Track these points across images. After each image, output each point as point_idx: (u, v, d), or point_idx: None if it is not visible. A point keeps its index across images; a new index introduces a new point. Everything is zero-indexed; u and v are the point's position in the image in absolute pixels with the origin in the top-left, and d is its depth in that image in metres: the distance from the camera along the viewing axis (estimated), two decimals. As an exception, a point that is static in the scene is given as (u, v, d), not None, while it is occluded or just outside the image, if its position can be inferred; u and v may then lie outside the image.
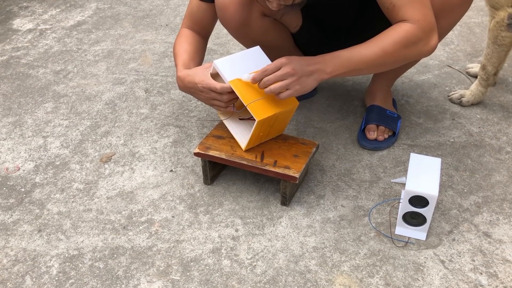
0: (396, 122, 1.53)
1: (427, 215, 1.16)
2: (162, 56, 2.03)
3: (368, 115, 1.54)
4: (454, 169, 1.41)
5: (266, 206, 1.31)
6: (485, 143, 1.51)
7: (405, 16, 1.17)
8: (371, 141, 1.49)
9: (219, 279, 1.13)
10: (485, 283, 1.10)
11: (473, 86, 1.65)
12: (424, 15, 1.17)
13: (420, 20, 1.17)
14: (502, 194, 1.33)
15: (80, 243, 1.23)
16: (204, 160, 1.33)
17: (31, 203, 1.35)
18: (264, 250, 1.19)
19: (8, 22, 2.37)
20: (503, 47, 1.49)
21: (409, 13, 1.17)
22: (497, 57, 1.52)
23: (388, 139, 1.51)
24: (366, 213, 1.28)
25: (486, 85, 1.61)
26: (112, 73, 1.93)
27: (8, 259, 1.20)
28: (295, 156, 1.28)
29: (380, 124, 1.50)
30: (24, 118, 1.69)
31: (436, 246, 1.19)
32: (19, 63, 2.02)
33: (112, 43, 2.15)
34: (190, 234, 1.24)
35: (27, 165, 1.48)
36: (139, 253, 1.20)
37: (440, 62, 1.92)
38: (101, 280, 1.13)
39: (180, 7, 2.46)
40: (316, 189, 1.36)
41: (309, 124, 1.61)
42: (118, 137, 1.59)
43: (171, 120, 1.65)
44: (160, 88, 1.83)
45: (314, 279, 1.12)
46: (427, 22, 1.17)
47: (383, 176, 1.40)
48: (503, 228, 1.23)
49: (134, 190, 1.38)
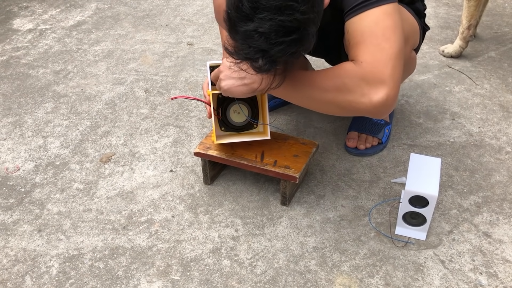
0: (381, 129, 1.47)
1: (427, 215, 1.16)
2: (162, 56, 2.03)
3: (352, 121, 1.51)
4: (454, 169, 1.41)
5: (266, 206, 1.31)
6: (485, 143, 1.51)
7: (354, 55, 1.01)
8: (354, 148, 1.46)
9: (219, 279, 1.13)
10: (485, 283, 1.10)
11: (455, 41, 1.93)
12: (374, 59, 0.98)
13: (364, 62, 0.99)
14: (502, 194, 1.33)
15: (80, 243, 1.23)
16: (204, 160, 1.33)
17: (31, 203, 1.35)
18: (264, 250, 1.19)
19: (8, 22, 2.37)
20: (472, 2, 1.79)
21: (357, 52, 1.00)
22: (468, 12, 1.81)
23: (373, 147, 1.46)
24: (366, 213, 1.28)
25: (463, 38, 1.88)
26: (112, 73, 1.93)
27: (8, 259, 1.20)
28: (295, 156, 1.28)
29: (362, 132, 1.47)
30: (24, 118, 1.69)
31: (436, 246, 1.19)
32: (19, 63, 2.02)
33: (112, 43, 2.15)
34: (190, 234, 1.24)
35: (27, 165, 1.48)
36: (139, 253, 1.20)
37: (440, 62, 1.92)
38: (101, 280, 1.13)
39: (180, 7, 2.46)
40: (316, 189, 1.36)
41: (309, 124, 1.61)
42: (118, 137, 1.59)
43: (171, 120, 1.65)
44: (160, 88, 1.83)
45: (314, 279, 1.12)
46: (372, 68, 0.98)
47: (383, 176, 1.40)
48: (503, 228, 1.23)
49: (134, 190, 1.38)
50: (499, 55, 1.97)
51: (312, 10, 0.90)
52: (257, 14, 0.88)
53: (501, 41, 2.07)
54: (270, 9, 0.87)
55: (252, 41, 0.90)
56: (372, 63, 0.98)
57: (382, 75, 0.98)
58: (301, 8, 0.88)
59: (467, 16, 1.82)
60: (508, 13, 2.31)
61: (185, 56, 2.03)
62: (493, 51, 2.00)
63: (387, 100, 0.99)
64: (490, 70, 1.87)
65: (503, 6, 2.38)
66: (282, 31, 0.89)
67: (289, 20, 0.88)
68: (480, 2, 1.81)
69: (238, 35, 0.92)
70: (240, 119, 1.29)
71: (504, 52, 1.99)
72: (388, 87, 0.98)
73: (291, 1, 0.87)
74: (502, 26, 2.19)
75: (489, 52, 1.99)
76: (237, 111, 1.27)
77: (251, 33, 0.89)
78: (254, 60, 0.94)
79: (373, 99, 0.99)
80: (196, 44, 2.12)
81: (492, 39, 2.08)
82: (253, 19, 0.89)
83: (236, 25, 0.91)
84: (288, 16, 0.88)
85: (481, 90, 1.75)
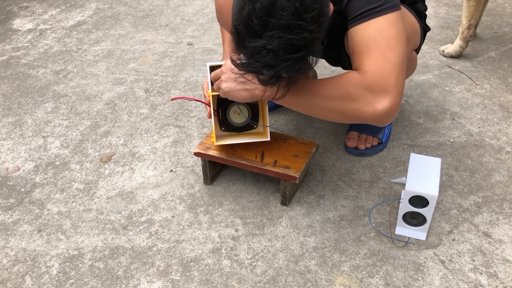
0: (381, 129, 1.48)
1: (427, 215, 1.16)
2: (162, 56, 2.03)
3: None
4: (454, 169, 1.41)
5: (266, 206, 1.31)
6: (485, 143, 1.51)
7: (359, 64, 1.02)
8: (354, 148, 1.47)
9: (219, 279, 1.13)
10: (485, 283, 1.10)
11: (455, 41, 1.93)
12: (378, 68, 0.99)
13: (369, 72, 1.00)
14: (502, 194, 1.33)
15: (80, 243, 1.23)
16: (204, 160, 1.33)
17: (31, 203, 1.35)
18: (264, 250, 1.19)
19: (8, 22, 2.37)
20: (472, 2, 1.80)
21: (362, 61, 1.02)
22: (468, 12, 1.82)
23: (373, 147, 1.46)
24: (366, 213, 1.28)
25: (463, 38, 1.88)
26: (112, 73, 1.93)
27: (8, 259, 1.20)
28: (295, 156, 1.28)
29: (361, 132, 1.47)
30: (24, 118, 1.69)
31: (436, 246, 1.19)
32: (19, 63, 2.02)
33: (112, 43, 2.15)
34: (190, 234, 1.24)
35: (27, 165, 1.48)
36: (139, 253, 1.20)
37: (440, 62, 1.92)
38: (101, 280, 1.13)
39: (180, 7, 2.46)
40: (316, 189, 1.36)
41: (309, 124, 1.61)
42: (118, 137, 1.59)
43: (171, 120, 1.65)
44: (160, 88, 1.83)
45: (314, 279, 1.12)
46: (377, 78, 0.99)
47: (383, 176, 1.40)
48: (503, 228, 1.23)
49: (134, 190, 1.38)
50: (499, 55, 1.97)
51: (320, 29, 0.92)
52: (266, 32, 0.89)
53: (501, 41, 2.07)
54: (279, 28, 0.88)
55: (259, 56, 0.91)
56: (376, 73, 0.99)
57: (386, 85, 0.99)
58: (310, 27, 0.89)
59: (467, 16, 1.83)
60: (508, 13, 2.31)
61: (185, 56, 2.03)
62: (493, 51, 2.00)
63: (391, 109, 1.01)
64: (490, 70, 1.87)
65: (503, 6, 2.38)
66: (290, 48, 0.90)
67: (298, 39, 0.89)
68: (480, 2, 1.81)
69: (246, 49, 0.93)
70: (240, 120, 1.29)
71: (504, 52, 1.99)
72: (392, 96, 1.00)
73: (300, 20, 0.88)
74: (502, 26, 2.19)
75: (489, 52, 1.99)
76: (237, 112, 1.27)
77: (260, 49, 0.90)
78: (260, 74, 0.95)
79: (377, 108, 1.00)
80: (196, 44, 2.12)
81: (492, 39, 2.09)
82: (262, 36, 0.89)
83: (245, 41, 0.92)
84: (297, 35, 0.89)
85: (481, 90, 1.75)
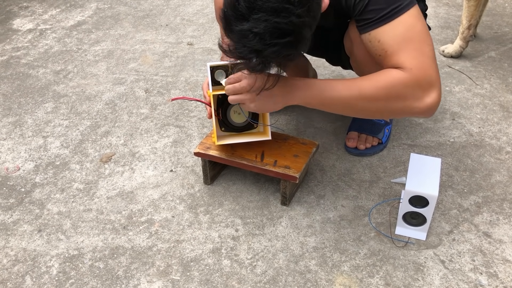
0: (381, 129, 1.48)
1: (427, 215, 1.16)
2: (162, 56, 2.03)
3: (352, 121, 1.52)
4: (454, 169, 1.41)
5: (266, 206, 1.31)
6: (485, 143, 1.51)
7: (398, 62, 1.02)
8: (354, 148, 1.47)
9: (219, 279, 1.13)
10: (485, 283, 1.10)
11: (455, 41, 1.93)
12: (421, 63, 1.01)
13: (414, 69, 1.00)
14: (502, 194, 1.33)
15: (80, 243, 1.23)
16: (204, 160, 1.33)
17: (31, 203, 1.35)
18: (264, 250, 1.19)
19: (8, 22, 2.37)
20: (472, 2, 1.80)
21: (402, 59, 1.01)
22: (468, 12, 1.82)
23: (373, 147, 1.46)
24: (366, 213, 1.28)
25: (463, 38, 1.89)
26: (112, 73, 1.93)
27: (8, 259, 1.20)
28: (295, 156, 1.28)
29: (361, 132, 1.47)
30: (24, 118, 1.69)
31: (436, 246, 1.19)
32: (19, 63, 2.02)
33: (112, 43, 2.15)
34: (190, 234, 1.24)
35: (27, 165, 1.48)
36: (139, 253, 1.20)
37: (440, 62, 1.92)
38: (101, 280, 1.13)
39: (180, 7, 2.46)
40: (316, 189, 1.36)
41: (309, 124, 1.61)
42: (118, 137, 1.59)
43: (171, 120, 1.65)
44: (160, 88, 1.83)
45: (314, 279, 1.12)
46: (423, 72, 1.00)
47: (383, 176, 1.40)
48: (503, 228, 1.23)
49: (134, 190, 1.38)
50: (499, 55, 1.97)
51: (308, 14, 0.91)
52: (253, 14, 0.89)
53: (501, 41, 2.07)
54: (266, 10, 0.88)
55: (246, 40, 0.91)
56: (421, 68, 1.01)
57: (431, 78, 1.01)
58: (297, 11, 0.89)
59: (467, 16, 1.83)
60: (508, 13, 2.31)
61: (185, 56, 2.03)
62: (493, 51, 2.00)
63: (438, 99, 1.03)
64: (490, 70, 1.87)
65: (503, 6, 2.38)
66: (276, 32, 0.90)
67: (285, 23, 0.89)
68: (480, 2, 1.81)
69: (233, 34, 0.93)
70: (241, 120, 1.29)
71: (504, 52, 1.99)
72: (437, 87, 1.02)
73: (287, 4, 0.88)
74: (502, 26, 2.19)
75: (489, 52, 1.99)
76: (237, 112, 1.27)
77: (246, 32, 0.90)
78: (248, 60, 0.95)
79: (427, 102, 1.02)
80: (196, 44, 2.12)
81: (492, 39, 2.09)
82: (248, 19, 0.89)
83: (232, 24, 0.92)
84: (284, 18, 0.88)
85: (481, 90, 1.75)
